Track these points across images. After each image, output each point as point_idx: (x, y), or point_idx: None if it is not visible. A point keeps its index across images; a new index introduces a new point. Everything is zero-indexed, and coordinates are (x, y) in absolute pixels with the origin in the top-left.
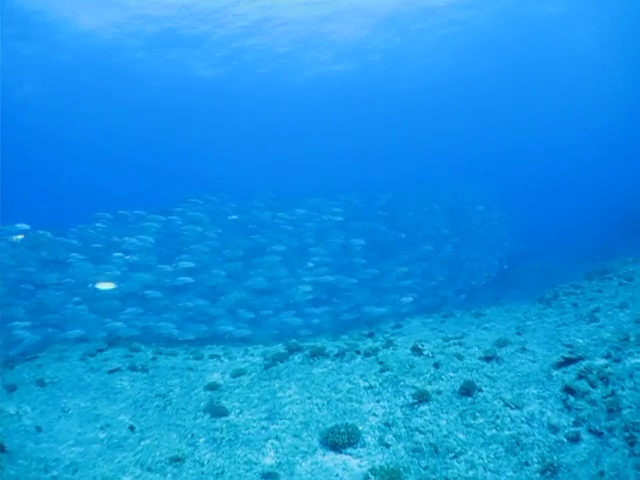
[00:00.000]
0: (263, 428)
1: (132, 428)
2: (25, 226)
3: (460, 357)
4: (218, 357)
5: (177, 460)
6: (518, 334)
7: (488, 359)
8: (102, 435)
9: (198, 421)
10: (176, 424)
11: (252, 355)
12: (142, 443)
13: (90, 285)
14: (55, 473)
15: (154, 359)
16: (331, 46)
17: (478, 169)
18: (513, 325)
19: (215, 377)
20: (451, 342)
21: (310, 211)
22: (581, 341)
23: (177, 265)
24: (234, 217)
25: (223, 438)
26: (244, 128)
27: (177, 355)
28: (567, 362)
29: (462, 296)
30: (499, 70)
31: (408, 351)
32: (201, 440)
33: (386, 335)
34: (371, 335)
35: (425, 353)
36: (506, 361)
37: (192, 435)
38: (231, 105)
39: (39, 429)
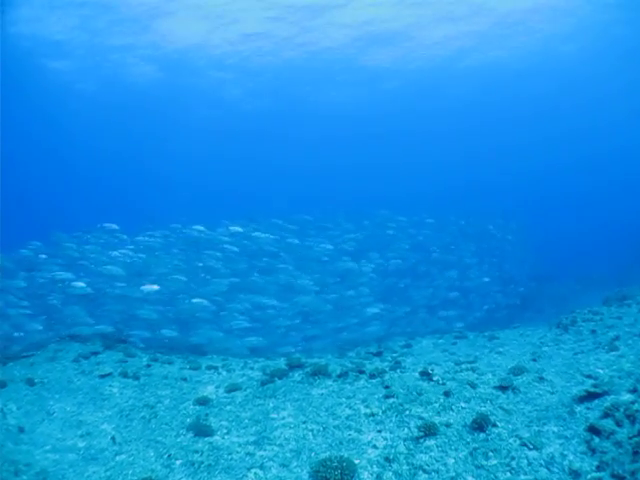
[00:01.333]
0: (248, 454)
1: (113, 439)
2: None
3: (473, 385)
4: (216, 369)
5: None
6: (534, 360)
7: (503, 389)
8: (80, 444)
9: (179, 439)
10: (156, 440)
11: (252, 369)
12: (117, 458)
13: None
14: (24, 478)
15: (148, 366)
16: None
17: (488, 188)
18: (528, 351)
19: (208, 391)
20: (463, 367)
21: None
22: (601, 371)
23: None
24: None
25: (202, 462)
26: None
27: (173, 363)
28: (590, 396)
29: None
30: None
31: (417, 375)
32: (177, 462)
33: (395, 355)
34: (379, 354)
35: (435, 379)
36: (523, 391)
37: (169, 455)
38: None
39: (21, 430)
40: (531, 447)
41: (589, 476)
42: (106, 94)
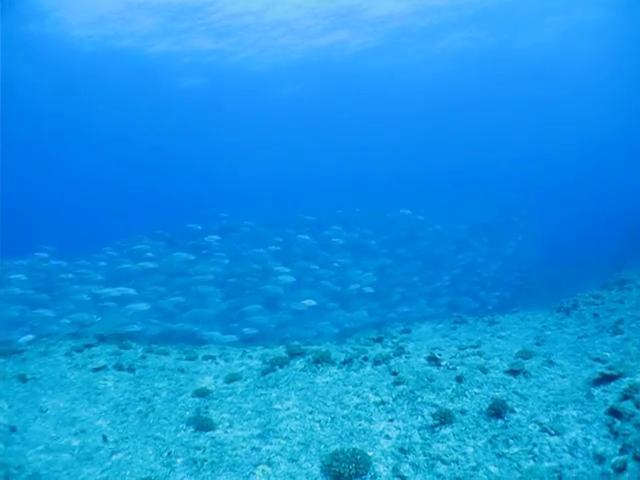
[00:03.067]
0: (254, 449)
1: (104, 438)
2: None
3: (484, 370)
4: (213, 358)
5: None
6: (538, 345)
7: (515, 373)
8: (75, 442)
9: (179, 435)
10: (155, 436)
11: (250, 357)
12: (114, 457)
13: None
14: None
15: (143, 358)
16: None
17: (488, 174)
18: (531, 335)
19: (207, 381)
20: (469, 351)
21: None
22: (608, 354)
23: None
24: None
25: (205, 460)
26: None
27: (169, 354)
28: (605, 379)
29: (474, 303)
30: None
31: (423, 360)
32: (179, 460)
33: (395, 340)
34: (380, 340)
35: (444, 364)
36: (534, 376)
37: (169, 453)
38: None
39: (13, 429)
40: (552, 433)
41: (613, 460)
42: None
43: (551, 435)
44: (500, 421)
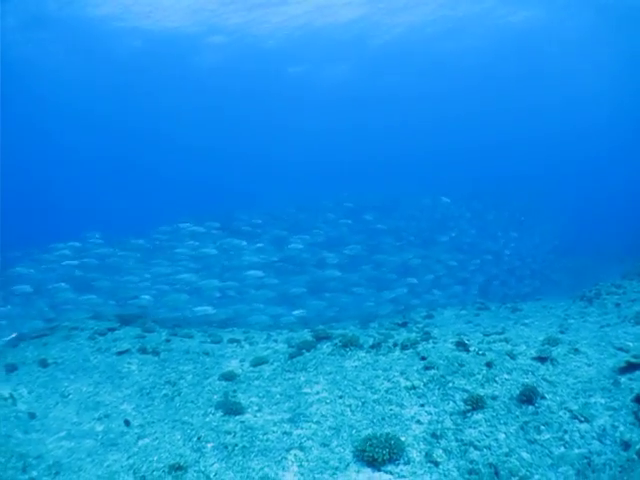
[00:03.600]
0: (285, 433)
1: (127, 423)
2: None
3: (513, 356)
4: (238, 342)
5: (178, 469)
6: (561, 333)
7: (542, 360)
8: (99, 427)
9: (208, 419)
10: (182, 421)
11: (276, 341)
12: (140, 442)
13: None
14: (34, 474)
15: (168, 341)
16: None
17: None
18: (554, 323)
19: (233, 365)
20: (494, 338)
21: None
22: (631, 344)
23: None
24: None
25: (236, 444)
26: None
27: (193, 337)
28: (631, 367)
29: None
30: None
31: (451, 345)
32: (209, 445)
33: (420, 326)
34: (404, 325)
35: (472, 349)
36: (561, 363)
37: (199, 438)
38: None
39: (32, 416)
40: (582, 419)
41: (638, 446)
42: None
43: (581, 422)
44: (531, 407)
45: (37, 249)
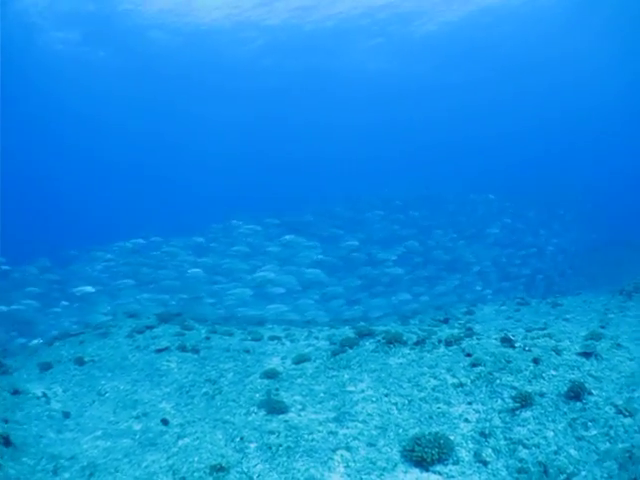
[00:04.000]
0: (331, 433)
1: (164, 421)
2: None
3: (558, 352)
4: (279, 339)
5: (219, 470)
6: (602, 327)
7: (587, 355)
8: (136, 426)
9: (251, 418)
10: (224, 420)
11: (317, 338)
12: (180, 442)
13: None
14: (66, 476)
15: (207, 339)
16: None
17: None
18: (594, 317)
19: (274, 362)
20: (538, 333)
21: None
22: None
23: None
24: None
25: (280, 445)
26: None
27: (233, 335)
28: None
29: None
30: None
31: (495, 341)
32: (252, 446)
33: (461, 322)
34: (446, 321)
35: (518, 345)
36: (605, 358)
37: (241, 438)
38: None
39: (66, 415)
40: (626, 414)
41: None
42: None
43: (625, 417)
44: (578, 404)
45: (97, 247)
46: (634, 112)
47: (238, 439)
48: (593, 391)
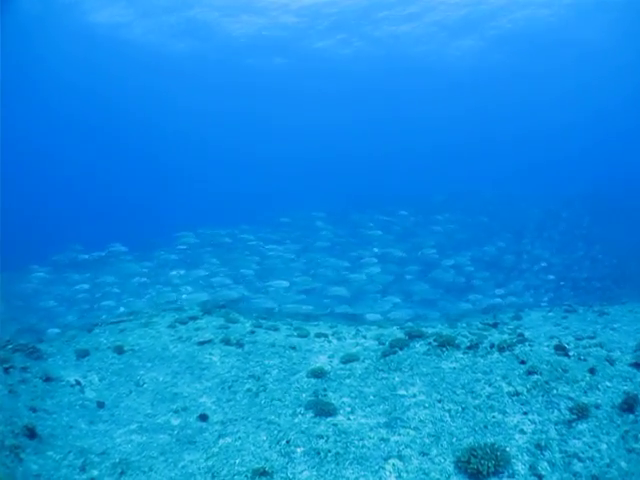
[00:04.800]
0: (382, 440)
1: (204, 417)
2: None
3: (611, 362)
4: (325, 336)
5: (262, 474)
6: None
7: (638, 366)
8: (175, 421)
9: (297, 420)
10: (268, 420)
11: (364, 337)
12: (221, 441)
13: None
14: (94, 474)
15: (252, 332)
16: None
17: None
18: None
19: (321, 361)
20: (589, 342)
21: None
22: None
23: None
24: None
25: (329, 451)
26: None
27: (279, 330)
28: None
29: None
30: None
31: (548, 349)
32: (299, 450)
33: (509, 327)
34: (495, 325)
35: (572, 354)
36: None
37: (288, 441)
38: None
39: (101, 405)
40: None
41: None
42: None
43: None
44: (631, 416)
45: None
46: None
47: (284, 442)
48: None
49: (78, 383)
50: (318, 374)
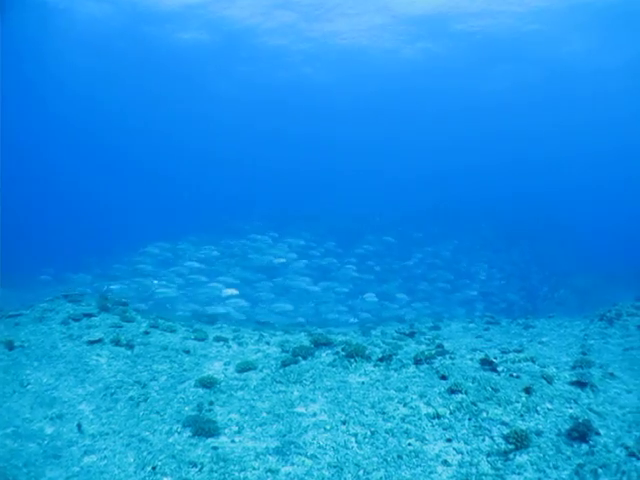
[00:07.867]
0: (269, 471)
1: (79, 427)
2: None
3: (549, 379)
4: (225, 341)
5: None
6: (584, 354)
7: (581, 385)
8: (48, 429)
9: (172, 439)
10: (141, 437)
11: (268, 343)
12: (85, 459)
13: None
14: None
15: (146, 333)
16: None
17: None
18: (573, 343)
19: (215, 368)
20: (518, 356)
21: None
22: None
23: None
24: None
25: None
26: None
27: (176, 331)
28: None
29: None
30: None
31: (472, 363)
32: None
33: (427, 337)
34: (412, 335)
35: (501, 369)
36: (601, 389)
37: (154, 467)
38: None
39: None
40: (639, 457)
41: None
42: None
43: (638, 459)
44: (584, 446)
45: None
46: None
47: (150, 468)
48: (600, 430)
49: None
50: (207, 384)
